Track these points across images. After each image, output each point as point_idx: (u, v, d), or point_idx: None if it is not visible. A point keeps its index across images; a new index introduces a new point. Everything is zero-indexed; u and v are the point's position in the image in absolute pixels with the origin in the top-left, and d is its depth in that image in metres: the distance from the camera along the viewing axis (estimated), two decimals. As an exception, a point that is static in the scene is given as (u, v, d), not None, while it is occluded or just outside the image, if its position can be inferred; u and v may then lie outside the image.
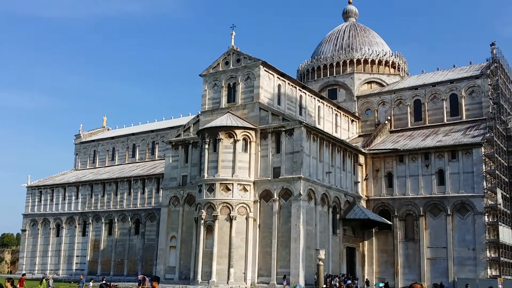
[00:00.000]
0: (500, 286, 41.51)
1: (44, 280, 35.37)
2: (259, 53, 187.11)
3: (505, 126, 56.85)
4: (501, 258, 50.28)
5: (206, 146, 49.94)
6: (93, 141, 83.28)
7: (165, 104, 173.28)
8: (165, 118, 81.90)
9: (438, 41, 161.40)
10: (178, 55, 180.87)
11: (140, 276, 37.92)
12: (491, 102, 57.66)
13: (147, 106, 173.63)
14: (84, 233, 70.09)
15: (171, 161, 56.47)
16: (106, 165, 79.56)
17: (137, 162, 75.61)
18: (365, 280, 52.36)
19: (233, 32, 54.45)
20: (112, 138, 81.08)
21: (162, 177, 59.56)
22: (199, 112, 55.25)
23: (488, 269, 49.36)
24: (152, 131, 76.60)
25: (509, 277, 50.15)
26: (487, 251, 49.76)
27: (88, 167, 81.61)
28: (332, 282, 40.80)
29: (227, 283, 45.57)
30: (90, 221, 69.16)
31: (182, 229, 53.71)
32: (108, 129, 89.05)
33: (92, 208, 69.81)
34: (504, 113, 57.81)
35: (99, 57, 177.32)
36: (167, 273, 53.59)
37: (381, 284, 41.50)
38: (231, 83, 53.15)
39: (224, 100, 53.14)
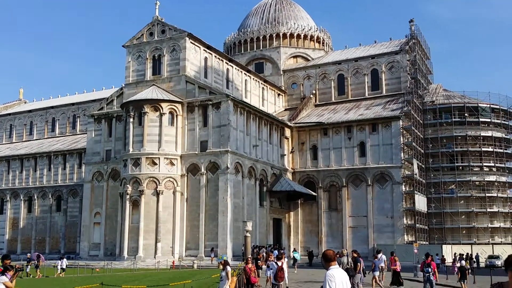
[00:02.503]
0: (415, 250, 43.99)
1: None
2: (185, 24, 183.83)
3: (421, 100, 59.74)
4: (417, 225, 53.40)
5: (131, 119, 48.86)
6: (9, 114, 78.97)
7: (87, 76, 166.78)
8: (87, 91, 79.17)
9: (360, 16, 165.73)
10: (100, 25, 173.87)
11: (29, 254, 36.67)
12: (409, 77, 60.25)
13: (67, 78, 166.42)
14: (1, 211, 66.84)
15: (93, 135, 54.86)
16: (24, 139, 75.82)
17: (57, 137, 72.61)
18: (293, 249, 53.82)
19: (158, 2, 53.17)
20: (30, 111, 77.23)
21: (85, 152, 57.80)
22: (123, 85, 53.79)
23: (405, 235, 52.30)
24: (72, 104, 73.68)
25: (424, 242, 53.45)
26: (404, 219, 52.63)
27: (4, 142, 77.39)
28: (260, 252, 41.65)
29: (155, 257, 45.35)
30: (8, 198, 65.98)
31: (106, 205, 52.64)
32: (25, 102, 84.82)
33: (10, 185, 66.53)
34: (421, 87, 60.69)
35: (13, 25, 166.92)
36: (91, 250, 52.58)
37: (296, 254, 43.02)
38: (156, 55, 52.03)
39: (149, 72, 52.01)
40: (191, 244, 47.34)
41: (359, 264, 24.58)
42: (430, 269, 20.83)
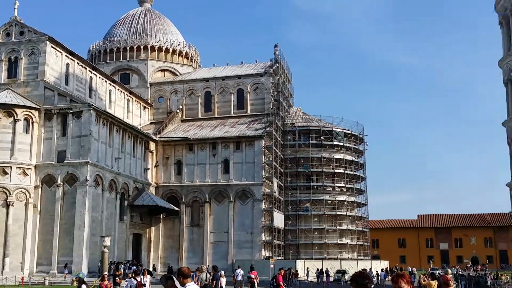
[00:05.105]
0: (271, 265, 45.76)
1: None
2: (47, 28, 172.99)
3: (282, 122, 62.79)
4: (274, 241, 55.59)
5: (-20, 124, 44.74)
6: None
7: None
8: None
9: (229, 37, 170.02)
10: None
11: None
12: (272, 99, 62.97)
13: None
14: None
15: None
16: None
17: None
18: (152, 266, 52.88)
19: (17, 1, 50.07)
20: None
21: None
22: (-28, 86, 49.15)
23: (263, 251, 54.13)
24: None
25: (280, 258, 55.75)
26: (263, 235, 54.50)
27: None
28: (118, 268, 40.36)
29: (2, 273, 41.67)
30: None
31: None
32: None
33: None
34: (282, 109, 63.79)
35: None
36: None
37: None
38: (12, 57, 48.70)
39: (3, 75, 48.53)
40: (43, 259, 44.32)
41: (218, 279, 25.10)
42: (273, 281, 23.65)
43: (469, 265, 73.93)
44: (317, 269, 49.84)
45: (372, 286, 5.71)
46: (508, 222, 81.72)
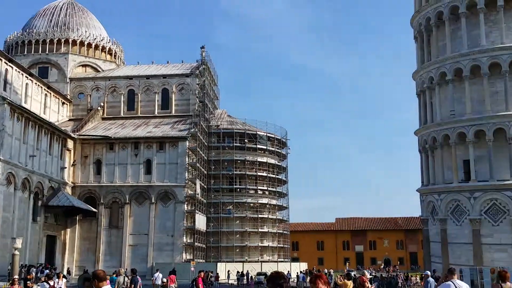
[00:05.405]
0: (192, 268, 45.39)
1: None
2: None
3: (207, 124, 62.54)
4: (196, 243, 55.13)
5: None
6: None
7: None
8: None
9: (155, 35, 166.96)
10: None
11: None
12: (197, 100, 62.56)
13: None
14: None
15: None
16: None
17: None
18: (67, 269, 50.71)
19: None
20: None
21: None
22: None
23: (184, 254, 53.51)
24: None
25: (201, 260, 55.37)
26: (184, 237, 53.89)
27: None
28: (30, 271, 38.34)
29: None
30: None
31: None
32: None
33: None
34: (207, 111, 63.54)
35: None
36: None
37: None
38: None
39: None
40: None
41: (136, 283, 24.54)
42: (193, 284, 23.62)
43: (382, 267, 77.14)
44: (238, 272, 49.96)
45: (289, 286, 5.80)
46: (418, 226, 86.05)
